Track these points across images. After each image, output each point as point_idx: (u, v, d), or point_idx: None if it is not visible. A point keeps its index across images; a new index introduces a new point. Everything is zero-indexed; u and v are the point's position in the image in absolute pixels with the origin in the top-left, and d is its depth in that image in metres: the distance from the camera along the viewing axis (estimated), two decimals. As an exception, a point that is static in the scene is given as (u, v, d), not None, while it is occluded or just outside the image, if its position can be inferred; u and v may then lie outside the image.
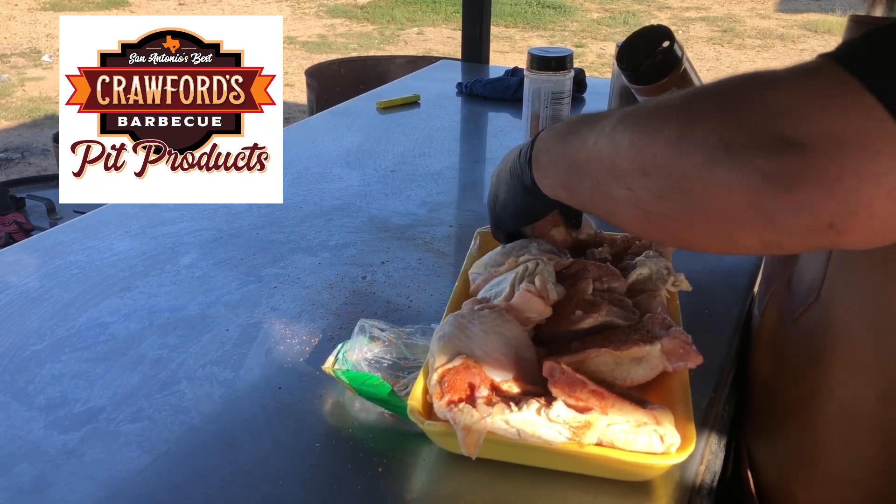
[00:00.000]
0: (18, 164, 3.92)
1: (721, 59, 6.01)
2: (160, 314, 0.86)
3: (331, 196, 1.18)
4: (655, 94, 0.96)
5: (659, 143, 0.49)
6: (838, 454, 0.65)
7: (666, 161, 0.48)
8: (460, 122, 1.61)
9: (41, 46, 5.95)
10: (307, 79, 3.00)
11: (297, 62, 5.67)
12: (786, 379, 0.72)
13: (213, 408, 0.71)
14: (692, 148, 0.46)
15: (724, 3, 7.75)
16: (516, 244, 0.81)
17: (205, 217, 1.09)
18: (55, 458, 0.65)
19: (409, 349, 0.74)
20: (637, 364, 0.66)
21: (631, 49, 0.97)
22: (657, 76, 0.96)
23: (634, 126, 0.52)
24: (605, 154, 0.55)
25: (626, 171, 0.52)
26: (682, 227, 0.50)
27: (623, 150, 0.52)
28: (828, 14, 7.24)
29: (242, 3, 7.53)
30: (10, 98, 4.85)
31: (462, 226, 1.09)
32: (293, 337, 0.82)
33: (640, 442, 0.59)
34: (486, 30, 1.97)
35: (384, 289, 0.92)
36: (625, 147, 0.52)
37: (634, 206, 0.52)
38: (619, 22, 7.06)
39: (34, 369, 0.76)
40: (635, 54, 0.97)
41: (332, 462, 0.65)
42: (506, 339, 0.66)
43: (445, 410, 0.61)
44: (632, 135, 0.52)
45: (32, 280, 0.92)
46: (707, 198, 0.46)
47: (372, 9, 7.41)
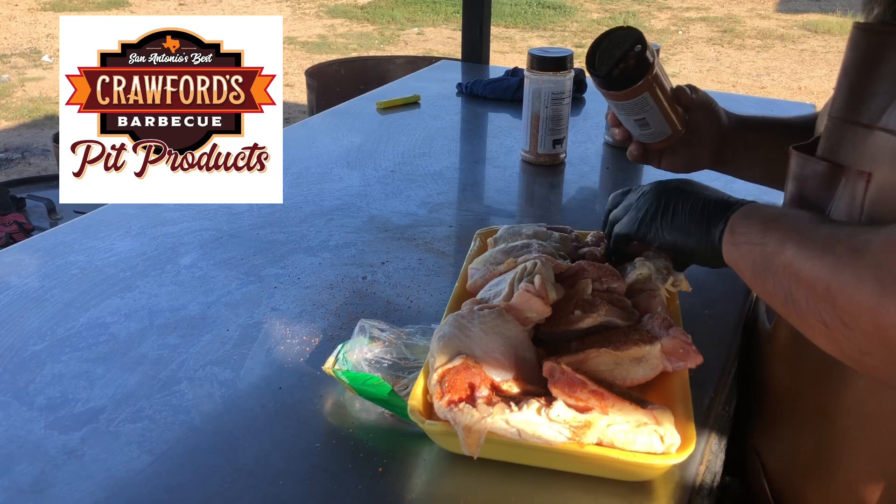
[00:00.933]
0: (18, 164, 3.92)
1: (721, 59, 6.01)
2: (160, 314, 0.86)
3: (331, 196, 1.18)
4: (626, 99, 0.93)
5: (862, 296, 0.49)
6: (855, 464, 0.65)
7: (869, 319, 0.48)
8: (460, 123, 1.61)
9: (41, 46, 5.95)
10: (307, 79, 3.00)
11: (297, 62, 5.67)
12: (804, 390, 0.72)
13: (213, 408, 0.71)
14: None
15: (724, 3, 7.75)
16: (518, 244, 0.82)
17: (205, 217, 1.09)
18: (55, 458, 0.65)
19: (410, 349, 0.74)
20: (637, 364, 0.66)
21: (601, 53, 0.92)
22: (629, 82, 0.92)
23: (834, 267, 0.52)
24: (802, 277, 0.55)
25: (821, 309, 0.53)
26: (886, 375, 0.52)
27: (820, 287, 0.53)
28: (828, 14, 7.24)
29: (242, 4, 7.53)
30: (10, 98, 4.85)
31: (462, 226, 1.09)
32: (293, 337, 0.82)
33: (640, 442, 0.60)
34: (486, 30, 1.97)
35: (384, 289, 0.92)
36: (822, 284, 0.53)
37: (830, 341, 0.54)
38: (619, 22, 7.06)
39: (34, 369, 0.76)
40: (606, 59, 0.92)
41: (332, 462, 0.65)
42: (505, 339, 0.66)
43: (446, 410, 0.61)
44: (829, 272, 0.52)
45: (33, 280, 0.92)
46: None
47: (372, 9, 7.41)
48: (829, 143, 0.67)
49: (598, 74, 0.93)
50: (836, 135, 0.66)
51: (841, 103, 0.66)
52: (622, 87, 0.93)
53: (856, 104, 0.64)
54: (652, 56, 0.92)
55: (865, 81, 0.64)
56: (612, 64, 0.92)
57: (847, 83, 0.66)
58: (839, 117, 0.66)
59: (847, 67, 0.66)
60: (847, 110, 0.65)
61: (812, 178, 0.68)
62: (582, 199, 1.23)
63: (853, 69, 0.65)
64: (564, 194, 1.25)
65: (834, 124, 0.66)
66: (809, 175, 0.68)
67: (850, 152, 0.64)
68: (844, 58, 0.67)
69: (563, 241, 0.85)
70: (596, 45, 0.93)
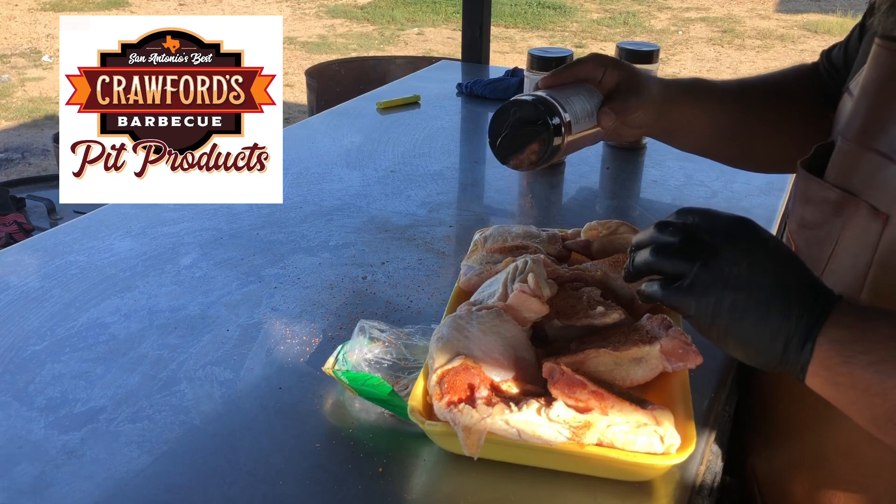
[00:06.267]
0: (18, 165, 3.92)
1: (721, 59, 6.01)
2: (160, 314, 0.86)
3: (331, 196, 1.18)
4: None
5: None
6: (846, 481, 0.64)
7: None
8: (460, 123, 1.61)
9: (41, 46, 5.95)
10: (307, 79, 3.00)
11: (297, 62, 5.67)
12: (803, 424, 0.70)
13: (213, 408, 0.71)
14: None
15: (724, 4, 7.75)
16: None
17: (205, 217, 1.09)
18: (55, 458, 0.65)
19: (409, 350, 0.74)
20: (637, 364, 0.66)
21: (503, 138, 0.77)
22: (535, 164, 0.77)
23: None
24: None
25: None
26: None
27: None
28: (828, 14, 7.24)
29: (243, 4, 7.53)
30: (10, 98, 4.85)
31: (462, 226, 1.09)
32: (293, 337, 0.82)
33: (640, 442, 0.59)
34: (486, 30, 1.97)
35: (384, 289, 0.92)
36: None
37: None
38: (619, 22, 7.06)
39: (34, 369, 0.76)
40: (509, 145, 0.77)
41: (332, 462, 0.65)
42: (504, 339, 0.66)
43: (445, 411, 0.61)
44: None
45: (33, 280, 0.92)
46: None
47: (372, 9, 7.41)
48: (842, 168, 0.61)
49: (500, 160, 0.79)
50: (849, 160, 0.61)
51: (858, 126, 0.60)
52: (527, 168, 0.79)
53: (874, 129, 0.59)
54: (562, 138, 0.76)
55: (887, 105, 0.58)
56: (513, 151, 0.77)
57: (866, 104, 0.60)
58: (854, 141, 0.60)
59: (867, 87, 0.60)
60: (864, 135, 0.59)
61: (820, 203, 0.63)
62: (582, 199, 1.23)
63: (874, 90, 0.60)
64: (564, 194, 1.25)
65: (848, 148, 0.61)
66: (817, 200, 0.63)
67: (865, 183, 0.59)
68: (865, 76, 0.61)
69: (550, 239, 0.85)
70: (498, 124, 0.77)
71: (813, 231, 0.64)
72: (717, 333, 0.55)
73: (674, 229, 0.57)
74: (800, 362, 0.52)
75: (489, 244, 0.85)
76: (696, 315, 0.55)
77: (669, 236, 0.57)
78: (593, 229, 0.86)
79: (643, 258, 0.58)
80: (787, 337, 0.52)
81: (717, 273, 0.54)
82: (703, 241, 0.55)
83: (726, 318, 0.53)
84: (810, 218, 0.65)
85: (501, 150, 0.77)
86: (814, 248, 0.65)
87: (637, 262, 0.59)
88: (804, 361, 0.52)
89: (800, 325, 0.52)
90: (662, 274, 0.58)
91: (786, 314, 0.52)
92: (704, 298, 0.54)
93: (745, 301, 0.53)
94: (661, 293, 0.57)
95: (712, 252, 0.54)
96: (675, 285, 0.56)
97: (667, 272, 0.57)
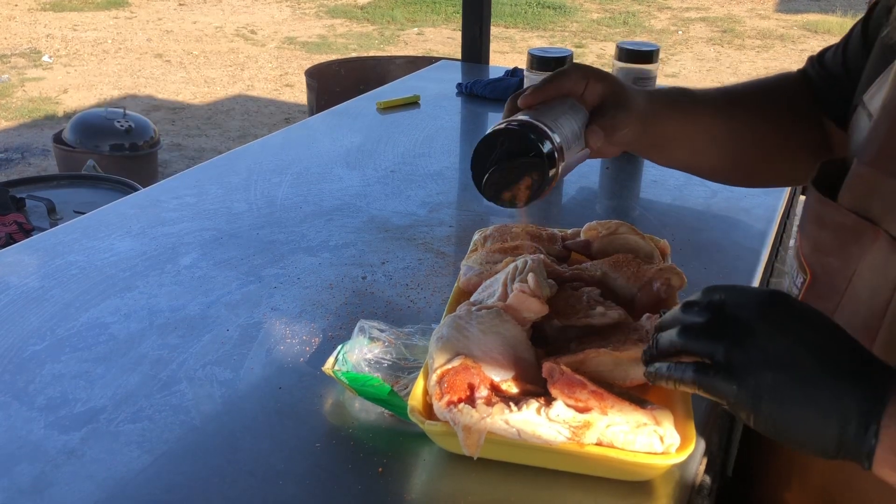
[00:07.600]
0: (18, 165, 3.92)
1: (721, 59, 6.01)
2: (160, 314, 0.86)
3: (331, 196, 1.18)
4: None
5: None
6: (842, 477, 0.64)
7: None
8: (460, 123, 1.61)
9: (41, 46, 5.95)
10: (307, 79, 3.00)
11: (297, 62, 5.67)
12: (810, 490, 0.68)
13: (213, 408, 0.72)
14: None
15: (724, 4, 7.75)
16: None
17: (205, 217, 1.09)
18: (55, 458, 0.65)
19: (409, 350, 0.74)
20: (636, 364, 0.66)
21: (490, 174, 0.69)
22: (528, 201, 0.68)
23: None
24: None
25: None
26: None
27: None
28: (828, 14, 7.24)
29: (243, 4, 7.53)
30: (10, 98, 4.85)
31: (462, 226, 1.09)
32: (293, 337, 0.82)
33: (639, 442, 0.60)
34: (486, 30, 1.97)
35: (384, 289, 0.92)
36: None
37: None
38: (619, 22, 7.06)
39: (34, 369, 0.76)
40: (497, 181, 0.68)
41: (332, 462, 0.65)
42: (504, 339, 0.66)
43: (445, 411, 0.61)
44: None
45: (33, 280, 0.92)
46: None
47: (372, 9, 7.41)
48: (858, 193, 0.58)
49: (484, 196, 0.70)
50: (866, 184, 0.57)
51: (876, 149, 0.56)
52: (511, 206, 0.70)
53: (894, 154, 0.55)
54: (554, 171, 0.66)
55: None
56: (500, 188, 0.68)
57: (887, 125, 0.56)
58: (872, 165, 0.56)
59: (889, 107, 0.56)
60: (883, 159, 0.56)
61: (836, 228, 0.59)
62: (582, 199, 1.23)
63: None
64: (564, 194, 1.25)
65: (865, 172, 0.57)
66: (832, 224, 0.59)
67: (885, 210, 0.55)
68: (887, 94, 0.57)
69: (550, 239, 0.85)
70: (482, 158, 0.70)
71: (829, 258, 0.61)
72: (762, 420, 0.49)
73: (700, 308, 0.53)
74: (864, 448, 0.46)
75: (489, 244, 0.85)
76: (736, 400, 0.49)
77: (696, 316, 0.52)
78: (593, 229, 0.86)
79: (668, 339, 0.53)
80: (843, 419, 0.46)
81: (754, 352, 0.49)
82: (734, 318, 0.51)
83: (769, 401, 0.48)
84: (826, 242, 0.61)
85: (489, 188, 0.68)
86: (830, 276, 0.61)
87: (662, 343, 0.54)
88: (869, 447, 0.46)
89: (856, 406, 0.46)
90: (691, 354, 0.52)
91: (836, 393, 0.47)
92: (745, 380, 0.48)
93: (788, 381, 0.47)
94: (694, 377, 0.51)
95: (746, 330, 0.50)
96: (711, 369, 0.50)
97: (696, 353, 0.52)
